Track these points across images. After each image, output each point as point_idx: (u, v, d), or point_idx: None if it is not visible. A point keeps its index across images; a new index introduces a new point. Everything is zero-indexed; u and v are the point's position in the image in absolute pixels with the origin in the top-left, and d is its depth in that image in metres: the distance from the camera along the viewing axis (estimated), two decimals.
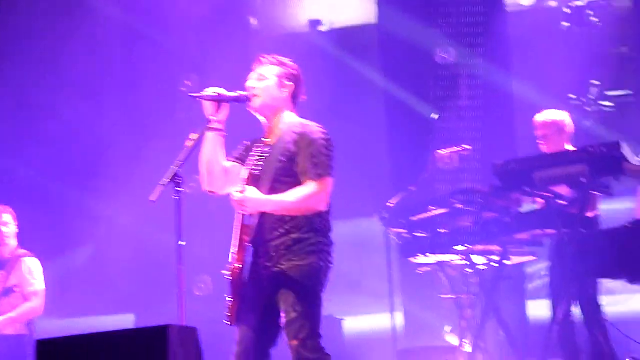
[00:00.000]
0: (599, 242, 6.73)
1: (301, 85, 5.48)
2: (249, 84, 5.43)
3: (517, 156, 6.96)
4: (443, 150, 8.31)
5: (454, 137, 9.49)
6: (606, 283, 7.32)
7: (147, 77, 10.50)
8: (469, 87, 9.89)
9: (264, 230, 5.27)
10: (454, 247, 7.22)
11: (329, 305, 5.46)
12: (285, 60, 5.48)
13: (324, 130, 5.32)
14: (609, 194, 6.91)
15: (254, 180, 5.31)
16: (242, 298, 5.21)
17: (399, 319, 9.40)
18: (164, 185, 5.08)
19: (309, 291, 5.21)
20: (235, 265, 5.19)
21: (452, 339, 8.00)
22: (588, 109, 10.52)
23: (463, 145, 8.28)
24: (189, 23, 10.51)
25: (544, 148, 7.67)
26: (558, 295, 6.91)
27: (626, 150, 6.47)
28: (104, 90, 10.70)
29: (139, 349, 4.38)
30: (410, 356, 7.59)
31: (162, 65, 10.53)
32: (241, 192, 5.17)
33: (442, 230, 7.31)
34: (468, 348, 7.22)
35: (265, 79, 5.39)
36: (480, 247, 7.24)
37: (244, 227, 5.24)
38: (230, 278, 5.20)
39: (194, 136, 5.25)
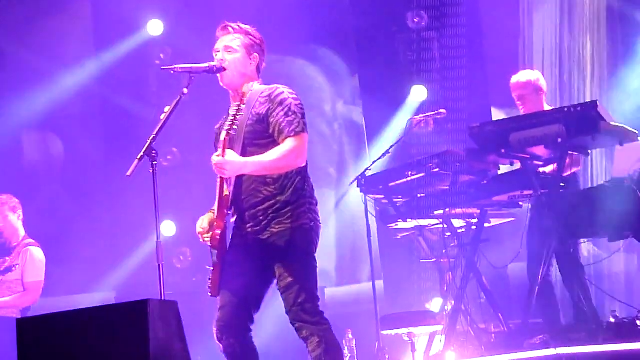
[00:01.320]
0: (577, 202, 6.75)
1: (264, 55, 5.50)
2: (218, 57, 5.40)
3: (492, 118, 6.95)
4: (418, 115, 8.30)
5: (428, 102, 9.51)
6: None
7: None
8: (442, 51, 9.85)
9: (246, 195, 5.25)
10: (433, 212, 7.23)
11: None
12: (249, 29, 5.47)
13: (291, 90, 5.34)
14: (585, 153, 6.93)
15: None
16: (225, 264, 5.22)
17: (380, 285, 9.40)
18: (139, 159, 5.07)
19: (302, 253, 5.21)
20: (216, 231, 5.20)
21: (434, 305, 8.02)
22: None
23: (438, 110, 8.29)
24: None
25: (522, 109, 7.65)
26: (537, 256, 6.91)
27: (602, 109, 6.47)
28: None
29: (120, 324, 4.36)
30: (392, 322, 7.58)
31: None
32: (220, 155, 5.15)
33: (421, 195, 7.31)
34: (449, 311, 7.23)
35: (234, 51, 5.39)
36: (459, 211, 7.24)
37: (222, 192, 5.24)
38: (210, 245, 5.22)
39: (167, 109, 5.23)
